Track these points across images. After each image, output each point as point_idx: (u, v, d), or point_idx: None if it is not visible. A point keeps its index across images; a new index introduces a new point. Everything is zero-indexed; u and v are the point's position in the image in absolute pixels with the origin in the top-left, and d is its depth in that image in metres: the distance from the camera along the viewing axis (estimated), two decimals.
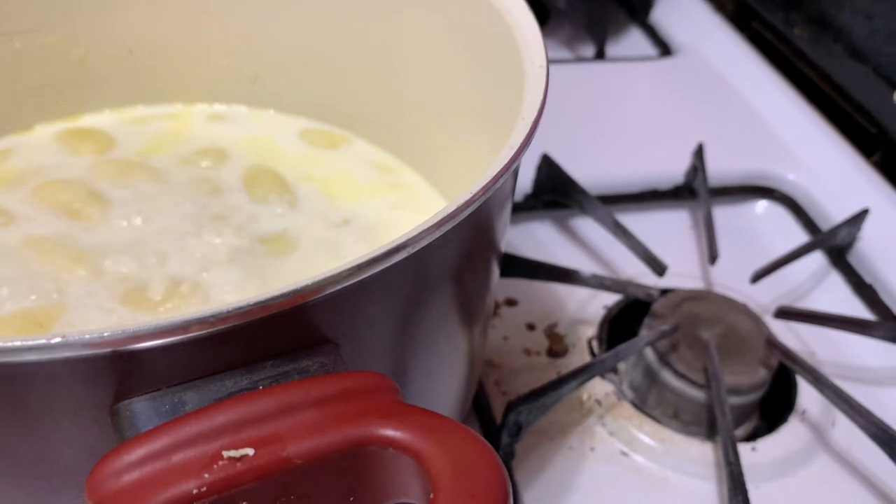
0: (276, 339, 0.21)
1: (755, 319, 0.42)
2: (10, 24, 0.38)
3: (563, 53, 0.67)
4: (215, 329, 0.19)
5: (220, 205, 0.37)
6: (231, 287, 0.33)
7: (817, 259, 0.51)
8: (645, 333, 0.41)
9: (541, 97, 0.27)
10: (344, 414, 0.20)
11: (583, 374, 0.38)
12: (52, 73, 0.39)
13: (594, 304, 0.46)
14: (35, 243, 0.33)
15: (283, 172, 0.39)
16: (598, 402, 0.41)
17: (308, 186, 0.39)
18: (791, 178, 0.55)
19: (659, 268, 0.45)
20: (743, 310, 0.43)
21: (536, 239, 0.50)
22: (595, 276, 0.44)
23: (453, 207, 0.22)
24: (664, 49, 0.67)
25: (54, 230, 0.34)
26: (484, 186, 0.23)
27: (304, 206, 0.38)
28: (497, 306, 0.45)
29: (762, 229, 0.53)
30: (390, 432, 0.20)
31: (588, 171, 0.50)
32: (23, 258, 0.33)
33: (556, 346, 0.43)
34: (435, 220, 0.22)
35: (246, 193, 0.38)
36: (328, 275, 0.20)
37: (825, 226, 0.52)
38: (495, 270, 0.31)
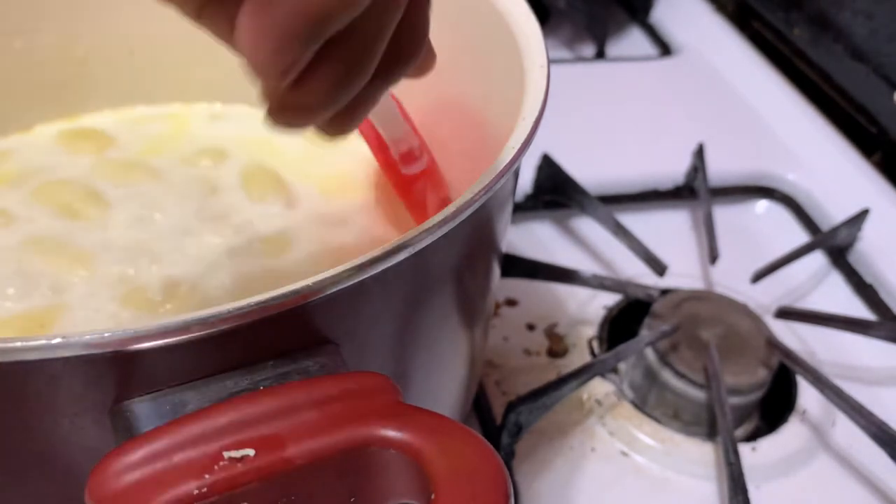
0: (277, 339, 0.21)
1: (755, 319, 0.42)
2: (10, 24, 0.38)
3: (563, 53, 0.67)
4: (216, 330, 0.19)
5: (219, 205, 0.37)
6: (231, 287, 0.33)
7: (817, 259, 0.51)
8: (645, 333, 0.41)
9: (541, 97, 0.27)
10: (345, 415, 0.20)
11: (583, 374, 0.38)
12: (52, 73, 0.39)
13: (594, 304, 0.46)
14: (35, 243, 0.33)
15: (281, 171, 0.39)
16: (599, 403, 0.41)
17: (307, 185, 0.39)
18: (791, 178, 0.55)
19: (659, 268, 0.45)
20: (743, 310, 0.43)
21: (536, 239, 0.50)
22: (595, 276, 0.44)
23: (454, 208, 0.22)
24: (664, 49, 0.67)
25: (54, 230, 0.34)
26: (485, 187, 0.23)
27: (302, 205, 0.38)
28: (497, 306, 0.45)
29: (762, 229, 0.53)
30: (391, 433, 0.20)
31: (588, 171, 0.50)
32: (24, 259, 0.33)
33: (557, 347, 0.43)
34: (435, 220, 0.22)
35: (245, 193, 0.38)
36: (328, 275, 0.20)
37: (825, 226, 0.52)
38: (496, 270, 0.31)
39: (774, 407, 0.42)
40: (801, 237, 0.52)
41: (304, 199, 0.38)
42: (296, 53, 0.18)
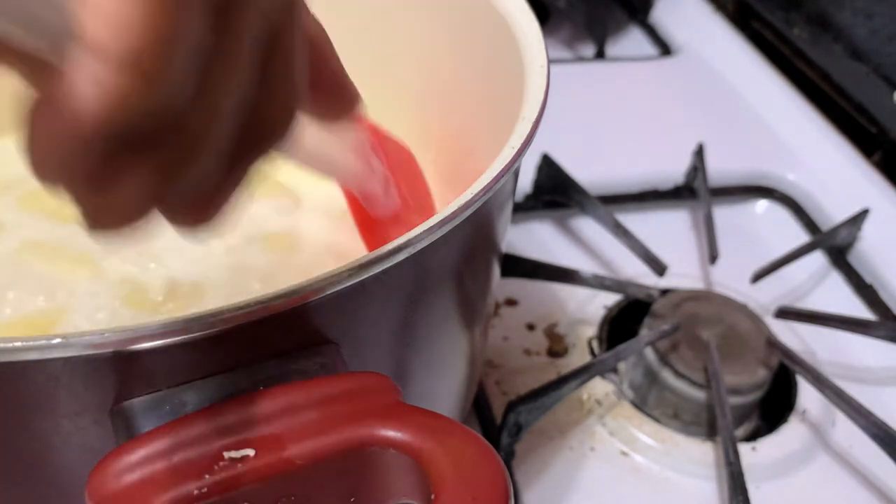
0: (277, 339, 0.21)
1: (755, 319, 0.42)
2: None
3: (563, 53, 0.67)
4: (215, 330, 0.19)
5: None
6: (232, 288, 0.33)
7: (817, 259, 0.51)
8: (645, 333, 0.41)
9: (541, 97, 0.27)
10: (345, 415, 0.20)
11: (583, 374, 0.38)
12: None
13: (594, 304, 0.46)
14: (33, 248, 0.33)
15: (282, 171, 0.39)
16: (598, 402, 0.41)
17: (307, 185, 0.39)
18: (791, 178, 0.55)
19: (659, 268, 0.45)
20: (743, 310, 0.43)
21: (536, 239, 0.50)
22: (595, 276, 0.44)
23: (454, 208, 0.22)
24: (664, 49, 0.67)
25: (51, 235, 0.34)
26: (485, 187, 0.23)
27: (304, 205, 0.38)
28: (497, 306, 0.45)
29: (762, 229, 0.53)
30: (391, 433, 0.20)
31: (588, 171, 0.50)
32: (23, 263, 0.32)
33: (556, 346, 0.43)
34: (435, 221, 0.22)
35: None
36: (328, 275, 0.20)
37: (825, 226, 0.52)
38: (495, 270, 0.31)
39: (774, 407, 0.42)
40: (800, 237, 0.52)
41: (305, 199, 0.38)
42: (90, 163, 0.15)
